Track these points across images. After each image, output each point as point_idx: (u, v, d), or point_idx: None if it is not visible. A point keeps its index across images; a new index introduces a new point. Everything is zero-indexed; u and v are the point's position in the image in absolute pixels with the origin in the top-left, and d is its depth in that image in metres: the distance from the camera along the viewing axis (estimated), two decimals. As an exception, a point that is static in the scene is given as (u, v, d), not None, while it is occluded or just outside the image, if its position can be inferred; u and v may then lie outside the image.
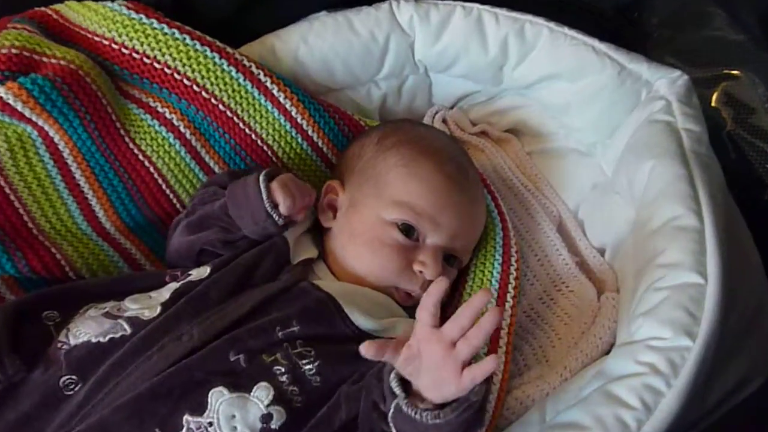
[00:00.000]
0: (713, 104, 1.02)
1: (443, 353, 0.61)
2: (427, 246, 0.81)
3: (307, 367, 0.69)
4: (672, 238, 0.77)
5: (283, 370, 0.68)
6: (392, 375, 0.64)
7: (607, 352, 0.80)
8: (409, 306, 0.81)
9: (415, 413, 0.62)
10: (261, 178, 0.77)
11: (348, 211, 0.85)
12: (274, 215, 0.76)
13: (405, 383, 0.64)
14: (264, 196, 0.76)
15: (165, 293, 0.75)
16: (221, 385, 0.66)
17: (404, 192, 0.82)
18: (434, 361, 0.61)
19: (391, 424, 0.64)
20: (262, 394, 0.66)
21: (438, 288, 0.64)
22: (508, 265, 0.88)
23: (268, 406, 0.66)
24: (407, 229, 0.81)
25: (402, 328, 0.76)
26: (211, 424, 0.64)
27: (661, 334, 0.72)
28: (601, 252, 0.94)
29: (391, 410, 0.64)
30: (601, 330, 0.83)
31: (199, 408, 0.65)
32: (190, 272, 0.78)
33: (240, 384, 0.66)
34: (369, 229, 0.81)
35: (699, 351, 0.70)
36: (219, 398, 0.65)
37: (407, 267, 0.80)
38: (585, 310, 0.87)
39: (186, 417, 0.65)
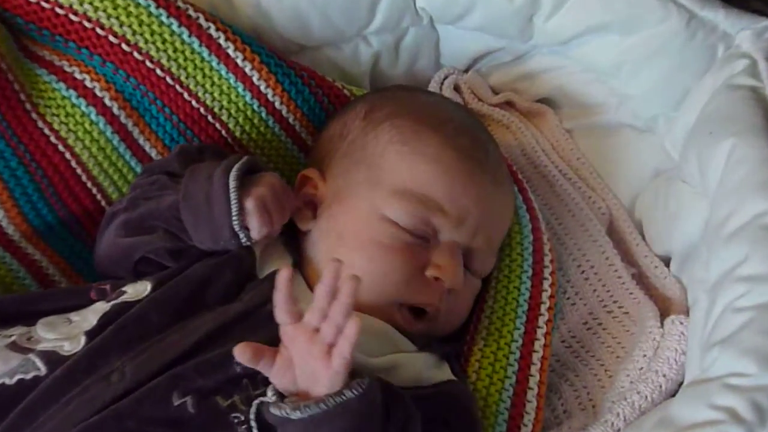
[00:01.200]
0: (814, 63, 1.01)
1: (307, 342, 0.64)
2: (443, 243, 0.81)
3: None
4: (757, 242, 0.77)
5: (242, 418, 0.67)
6: (269, 389, 0.66)
7: (674, 394, 0.80)
8: (417, 333, 0.81)
9: (278, 410, 0.63)
10: (232, 184, 0.76)
11: (332, 207, 0.84)
12: (242, 236, 0.76)
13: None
14: (233, 213, 0.75)
15: (91, 317, 0.75)
16: None
17: (408, 177, 0.82)
18: (302, 356, 0.64)
19: None
20: None
21: (283, 277, 0.65)
22: (540, 279, 0.88)
23: None
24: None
25: (405, 367, 0.76)
26: None
27: (744, 368, 0.71)
28: (666, 261, 0.94)
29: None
30: (665, 365, 0.83)
31: None
32: (123, 289, 0.78)
33: None
34: (363, 229, 0.81)
35: (795, 391, 0.70)
36: None
37: (417, 274, 0.80)
38: (644, 339, 0.87)
39: None
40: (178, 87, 0.91)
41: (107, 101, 0.90)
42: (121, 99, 0.91)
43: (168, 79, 0.91)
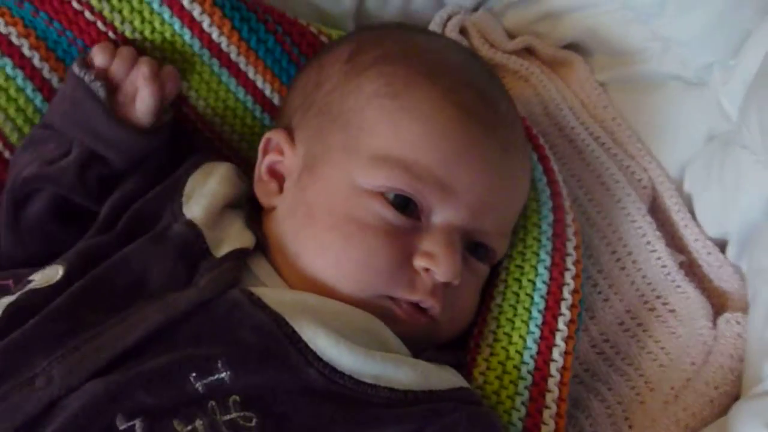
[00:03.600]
0: None
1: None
2: (436, 226, 0.81)
3: None
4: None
5: None
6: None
7: (728, 409, 0.79)
8: (415, 334, 0.80)
9: None
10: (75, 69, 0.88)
11: (302, 177, 0.85)
12: (88, 80, 0.86)
13: None
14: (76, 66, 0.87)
15: None
16: None
17: (393, 140, 0.81)
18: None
19: None
20: None
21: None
22: (562, 270, 0.87)
23: None
24: (403, 202, 0.80)
25: (406, 373, 0.75)
26: None
27: (813, 379, 0.71)
28: (722, 246, 0.94)
29: None
30: (719, 373, 0.83)
31: None
32: (30, 278, 0.78)
33: None
34: (338, 204, 0.81)
35: None
36: None
37: (405, 262, 0.80)
38: (692, 342, 0.87)
39: None
40: (101, 23, 0.92)
41: (25, 51, 0.91)
42: (42, 46, 0.92)
43: (99, 23, 0.92)
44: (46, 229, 0.86)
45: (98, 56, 0.89)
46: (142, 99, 0.87)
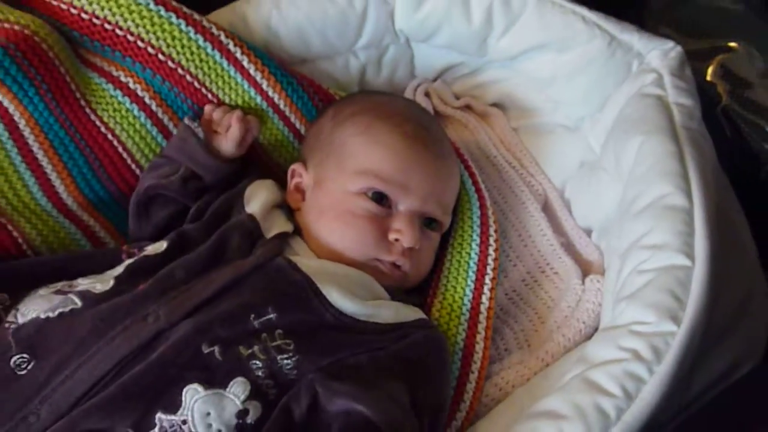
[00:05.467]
0: (708, 78, 0.99)
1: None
2: (401, 212, 0.80)
3: (286, 362, 0.67)
4: (659, 218, 0.75)
5: (260, 364, 0.66)
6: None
7: (590, 337, 0.78)
8: (393, 286, 0.79)
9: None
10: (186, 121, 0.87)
11: (314, 190, 0.84)
12: (193, 126, 0.86)
13: None
14: (186, 118, 0.87)
15: (118, 268, 0.74)
16: (196, 382, 0.64)
17: (365, 160, 0.80)
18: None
19: None
20: (238, 389, 0.65)
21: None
22: (486, 245, 0.85)
23: (244, 401, 0.64)
24: (378, 197, 0.79)
25: (387, 312, 0.74)
26: (185, 422, 0.63)
27: (645, 318, 0.69)
28: (588, 232, 0.92)
29: None
30: (585, 314, 0.82)
31: (173, 406, 0.63)
32: (145, 247, 0.77)
33: (215, 380, 0.64)
34: (338, 204, 0.80)
35: (684, 336, 0.68)
36: (194, 396, 0.63)
37: (383, 237, 0.78)
38: (569, 293, 0.85)
39: (159, 415, 0.63)
40: (203, 90, 0.88)
41: (146, 100, 0.88)
42: (158, 98, 0.88)
43: (195, 84, 0.88)
44: (158, 219, 0.85)
45: (206, 109, 0.89)
46: (232, 132, 0.86)
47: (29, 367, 0.66)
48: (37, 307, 0.70)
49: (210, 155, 0.85)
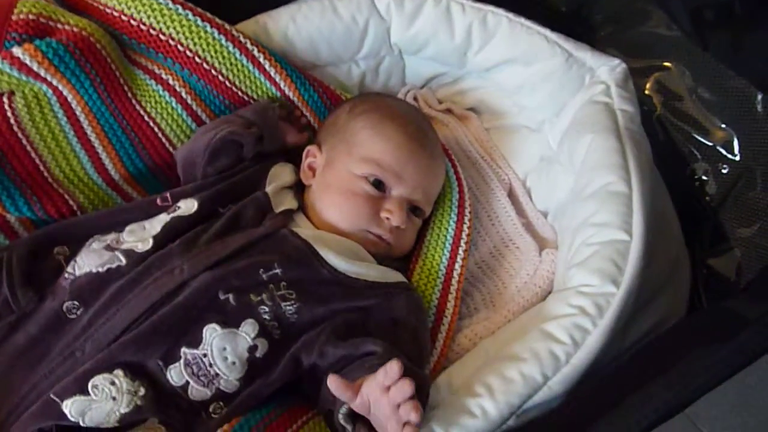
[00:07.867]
0: (646, 92, 1.00)
1: (390, 412, 0.58)
2: (393, 197, 0.80)
3: (288, 308, 0.68)
4: (604, 202, 0.76)
5: (266, 309, 0.68)
6: (341, 414, 0.61)
7: (545, 298, 0.80)
8: (378, 254, 0.79)
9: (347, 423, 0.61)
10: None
11: (324, 169, 0.83)
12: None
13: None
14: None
15: (156, 225, 0.74)
16: (214, 322, 0.66)
17: (371, 150, 0.80)
18: (383, 413, 0.59)
19: None
20: (249, 329, 0.66)
21: (404, 387, 0.57)
22: (462, 223, 0.86)
23: (254, 339, 0.66)
24: (377, 183, 0.79)
25: (374, 272, 0.75)
26: (205, 355, 0.65)
27: (591, 281, 0.71)
28: (545, 215, 0.93)
29: None
30: (541, 280, 0.83)
31: (195, 342, 0.65)
32: (178, 204, 0.76)
33: (230, 321, 0.66)
34: (342, 182, 0.80)
35: (622, 296, 0.70)
36: (213, 333, 0.65)
37: (376, 214, 0.79)
38: (528, 264, 0.86)
39: (184, 349, 0.65)
40: (233, 87, 0.88)
41: (183, 94, 0.87)
42: (193, 93, 0.88)
43: (227, 83, 0.88)
44: (221, 165, 0.81)
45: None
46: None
47: (78, 313, 0.67)
48: (90, 261, 0.70)
49: (278, 132, 0.86)
